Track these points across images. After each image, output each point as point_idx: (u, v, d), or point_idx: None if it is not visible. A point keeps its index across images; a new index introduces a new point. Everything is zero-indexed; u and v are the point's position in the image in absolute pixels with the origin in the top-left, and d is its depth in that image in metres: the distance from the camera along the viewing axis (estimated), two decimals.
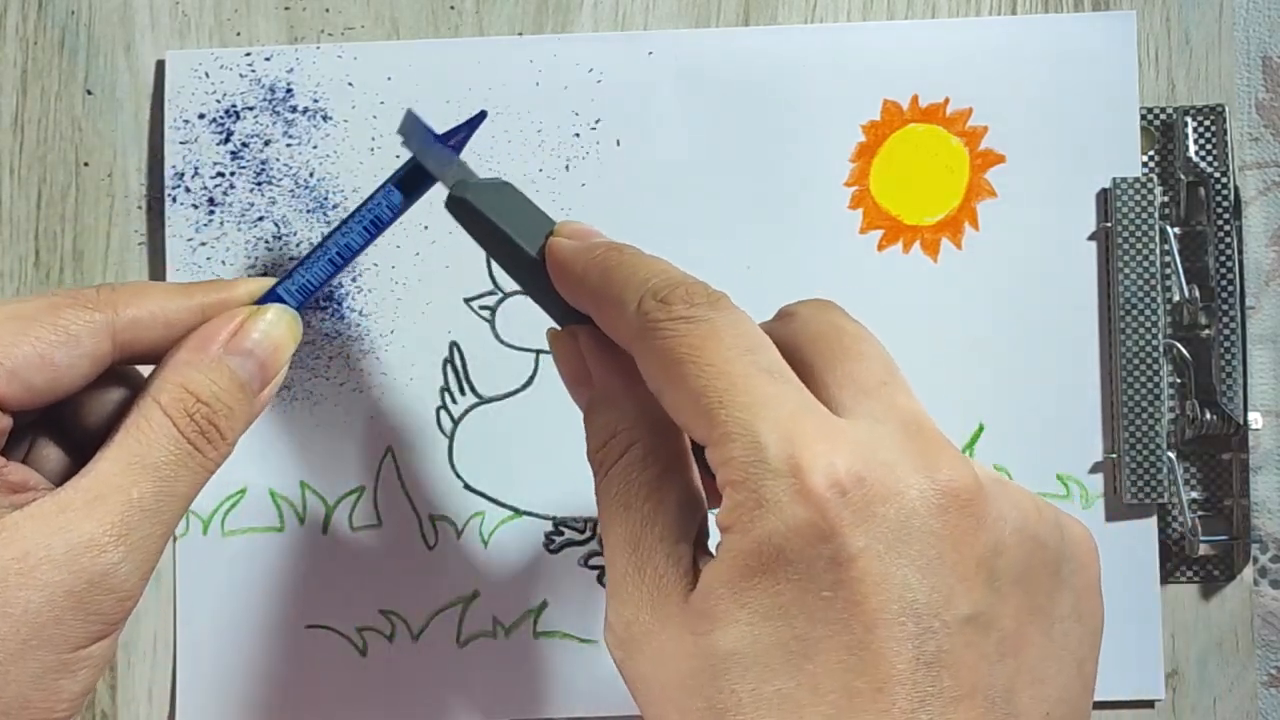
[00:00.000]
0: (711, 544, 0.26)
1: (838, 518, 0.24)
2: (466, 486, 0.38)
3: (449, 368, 0.38)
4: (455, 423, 0.38)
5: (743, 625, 0.24)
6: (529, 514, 0.38)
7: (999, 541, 0.25)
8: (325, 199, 0.38)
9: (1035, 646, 0.25)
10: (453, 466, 0.38)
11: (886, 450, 0.25)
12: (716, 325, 0.26)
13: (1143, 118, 0.38)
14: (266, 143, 0.38)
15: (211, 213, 0.38)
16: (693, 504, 0.27)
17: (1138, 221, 0.37)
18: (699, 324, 0.26)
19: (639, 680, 0.25)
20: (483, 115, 0.32)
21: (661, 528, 0.26)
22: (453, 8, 0.39)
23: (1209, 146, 0.38)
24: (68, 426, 0.32)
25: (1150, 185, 0.37)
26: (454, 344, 0.38)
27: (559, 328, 0.30)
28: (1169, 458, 0.37)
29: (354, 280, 0.38)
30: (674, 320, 0.26)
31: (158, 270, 0.38)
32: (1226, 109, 0.38)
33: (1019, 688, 0.25)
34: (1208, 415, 0.37)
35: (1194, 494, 0.38)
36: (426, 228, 0.38)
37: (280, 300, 0.32)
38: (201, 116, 0.38)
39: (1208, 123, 0.38)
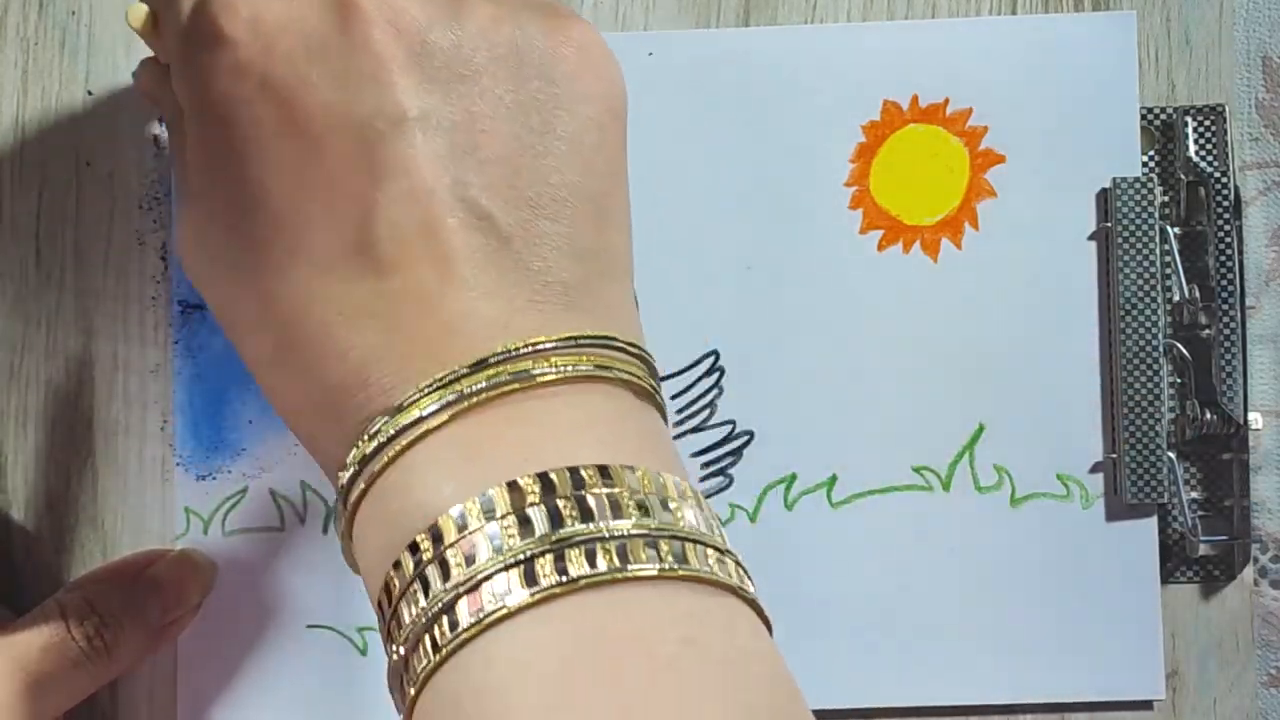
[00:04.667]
0: None
1: (247, 53, 0.25)
2: None
3: None
4: None
5: (211, 190, 0.26)
6: None
7: (429, 44, 0.25)
8: None
9: (502, 138, 0.25)
10: None
11: None
12: None
13: (1143, 118, 0.38)
14: None
15: None
16: None
17: (1138, 221, 0.37)
18: None
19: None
20: None
21: None
22: None
23: (1209, 146, 0.38)
24: None
25: (1150, 185, 0.37)
26: None
27: None
28: (1169, 458, 0.37)
29: None
30: None
31: (158, 270, 0.38)
32: (1226, 109, 0.38)
33: (492, 179, 0.25)
34: (1208, 415, 0.37)
35: (1194, 494, 0.38)
36: None
37: None
38: None
39: (1208, 123, 0.38)
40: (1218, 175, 0.38)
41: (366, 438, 0.24)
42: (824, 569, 0.38)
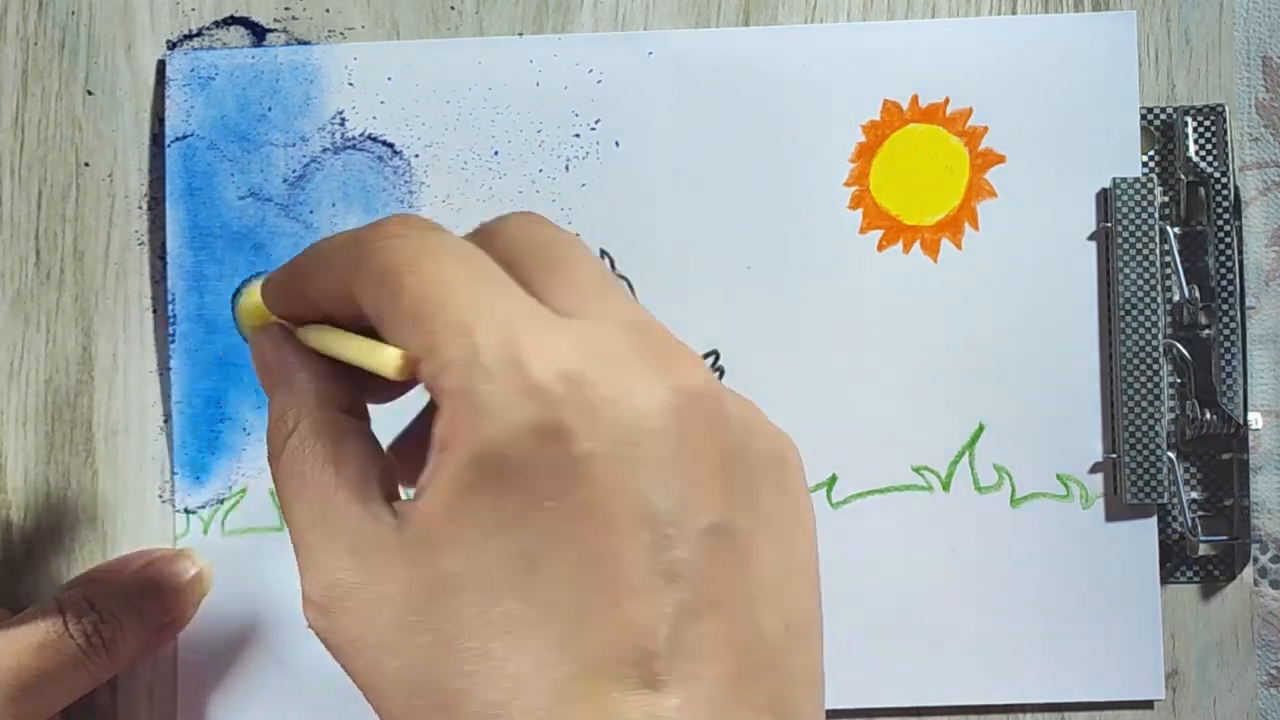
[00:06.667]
0: None
1: (565, 415, 0.22)
2: None
3: None
4: None
5: (463, 546, 0.23)
6: None
7: (734, 447, 0.23)
8: None
9: (767, 556, 0.24)
10: None
11: (614, 348, 0.23)
12: (431, 240, 0.25)
13: (1143, 118, 0.38)
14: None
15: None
16: (376, 468, 0.25)
17: (1138, 221, 0.37)
18: (414, 239, 0.25)
19: (349, 643, 0.25)
20: None
21: (347, 492, 0.25)
22: (453, 8, 0.39)
23: (1209, 146, 0.38)
24: None
25: (1150, 185, 0.37)
26: None
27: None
28: (1169, 458, 0.37)
29: None
30: (391, 238, 0.25)
31: (157, 270, 0.38)
32: (1226, 109, 0.38)
33: (759, 599, 0.24)
34: (1208, 415, 0.37)
35: (1194, 494, 0.38)
36: None
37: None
38: None
39: (1208, 123, 0.38)
40: (1218, 175, 0.38)
41: None
42: (823, 569, 0.38)
